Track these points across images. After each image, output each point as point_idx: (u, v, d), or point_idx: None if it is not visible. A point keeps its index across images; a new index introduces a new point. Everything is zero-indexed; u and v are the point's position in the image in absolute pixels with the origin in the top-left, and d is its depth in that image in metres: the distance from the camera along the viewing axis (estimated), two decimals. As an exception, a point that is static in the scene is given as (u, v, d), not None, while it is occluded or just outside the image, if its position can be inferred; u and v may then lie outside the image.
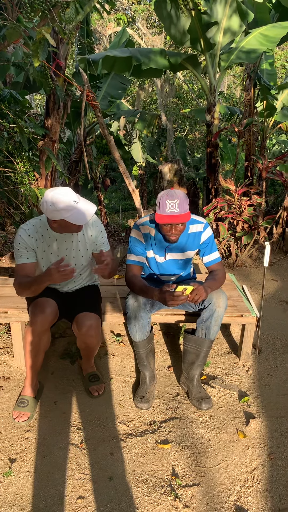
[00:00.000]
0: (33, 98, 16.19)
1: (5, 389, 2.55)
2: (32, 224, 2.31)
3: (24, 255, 2.29)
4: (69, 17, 2.86)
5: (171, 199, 2.21)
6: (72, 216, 2.08)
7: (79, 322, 2.27)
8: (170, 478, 1.98)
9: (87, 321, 2.27)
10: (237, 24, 5.32)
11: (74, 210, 2.08)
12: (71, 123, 7.77)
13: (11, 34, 2.78)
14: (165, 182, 6.43)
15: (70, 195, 2.09)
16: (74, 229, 2.21)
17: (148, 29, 13.00)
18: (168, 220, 2.21)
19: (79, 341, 2.37)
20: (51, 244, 2.32)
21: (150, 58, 5.57)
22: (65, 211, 2.06)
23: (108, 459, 2.07)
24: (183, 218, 2.22)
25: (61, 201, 2.05)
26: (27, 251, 2.29)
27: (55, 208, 2.06)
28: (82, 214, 2.10)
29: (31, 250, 2.30)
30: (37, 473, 1.99)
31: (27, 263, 2.31)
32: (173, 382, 2.67)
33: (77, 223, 2.10)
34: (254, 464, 2.06)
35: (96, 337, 2.32)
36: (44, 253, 2.32)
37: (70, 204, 2.07)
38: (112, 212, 14.61)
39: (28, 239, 2.27)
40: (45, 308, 2.21)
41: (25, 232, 2.27)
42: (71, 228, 2.19)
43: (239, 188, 4.59)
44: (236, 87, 15.07)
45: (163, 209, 2.22)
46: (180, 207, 2.21)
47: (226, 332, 3.24)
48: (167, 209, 2.21)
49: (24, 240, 2.27)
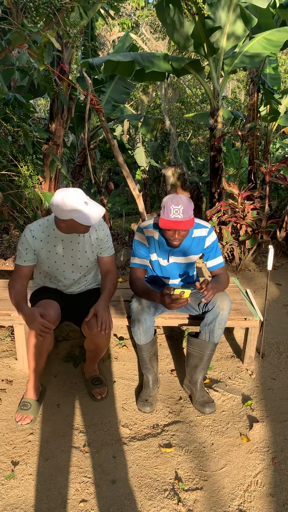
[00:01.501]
0: (37, 103, 16.28)
1: (8, 392, 2.55)
2: (38, 224, 2.32)
3: (22, 257, 2.31)
4: (74, 21, 2.88)
5: (175, 204, 2.21)
6: (81, 217, 2.09)
7: (90, 324, 2.26)
8: (173, 482, 1.97)
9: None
10: (241, 29, 5.34)
11: (84, 211, 2.09)
12: (75, 127, 7.81)
13: (15, 39, 2.79)
14: (169, 186, 6.44)
15: (80, 196, 2.11)
16: (82, 230, 2.21)
17: (151, 34, 13.06)
18: (172, 225, 2.21)
19: (89, 342, 2.36)
20: (57, 245, 2.32)
21: (153, 63, 5.59)
22: (75, 211, 2.08)
23: (111, 463, 2.07)
24: (187, 225, 2.22)
25: (71, 201, 2.07)
26: (26, 254, 2.30)
27: (65, 207, 2.07)
28: (91, 215, 2.11)
29: (31, 253, 2.30)
30: (40, 476, 1.98)
31: (23, 266, 2.33)
32: (176, 386, 2.66)
33: (85, 224, 2.11)
34: (257, 468, 2.05)
35: (107, 338, 2.32)
36: (49, 253, 2.33)
37: (80, 205, 2.08)
38: (116, 216, 14.63)
39: (31, 240, 2.28)
40: (49, 310, 2.21)
41: (30, 232, 2.28)
42: (79, 228, 2.19)
43: (242, 192, 4.59)
44: (240, 91, 15.10)
45: (167, 214, 2.23)
46: (185, 213, 2.21)
47: (230, 335, 3.23)
48: (171, 214, 2.21)
49: (27, 241, 2.28)
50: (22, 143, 4.04)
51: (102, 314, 2.26)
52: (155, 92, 13.01)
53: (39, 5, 2.53)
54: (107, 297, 2.38)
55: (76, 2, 2.71)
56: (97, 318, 2.25)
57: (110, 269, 2.51)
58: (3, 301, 2.86)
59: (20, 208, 4.23)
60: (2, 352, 2.96)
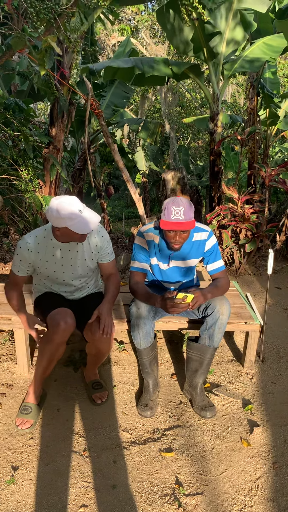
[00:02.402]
0: (37, 107, 16.33)
1: (8, 396, 2.55)
2: (35, 235, 2.29)
3: (16, 266, 2.32)
4: (74, 26, 2.90)
5: (176, 206, 2.22)
6: (75, 225, 2.08)
7: (93, 328, 2.26)
8: (173, 487, 1.96)
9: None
10: (241, 34, 5.37)
11: (78, 219, 2.08)
12: (75, 131, 7.83)
13: (16, 43, 2.81)
14: (168, 190, 6.45)
15: (75, 204, 2.09)
16: (77, 238, 2.20)
17: (151, 38, 13.12)
18: (173, 226, 2.22)
19: (91, 347, 2.35)
20: (55, 254, 2.31)
21: (153, 67, 5.62)
22: (69, 219, 2.06)
23: (111, 467, 2.06)
24: (188, 226, 2.22)
25: (66, 209, 2.06)
26: (20, 265, 2.30)
27: (59, 215, 2.06)
28: (85, 223, 2.09)
29: (25, 264, 2.30)
30: (40, 481, 1.98)
31: (16, 275, 2.35)
32: (177, 390, 2.66)
33: (79, 232, 2.09)
34: (258, 473, 2.04)
35: (109, 342, 2.32)
36: (47, 263, 2.31)
37: (74, 213, 2.07)
38: (115, 219, 14.65)
39: (26, 253, 2.26)
40: (67, 319, 2.20)
41: (26, 245, 2.26)
42: (74, 237, 2.18)
43: (242, 195, 4.60)
44: (239, 95, 15.15)
45: (168, 215, 2.23)
46: (185, 215, 2.22)
47: (230, 339, 3.23)
48: (172, 215, 2.22)
49: (22, 253, 2.27)
50: (23, 147, 4.06)
51: (105, 317, 2.26)
52: (155, 96, 13.06)
53: (40, 10, 2.55)
54: (111, 299, 2.39)
55: (77, 8, 2.73)
56: (100, 320, 2.26)
57: (112, 273, 2.52)
58: (3, 305, 2.86)
59: (20, 212, 4.23)
60: (2, 356, 2.96)
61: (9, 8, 2.75)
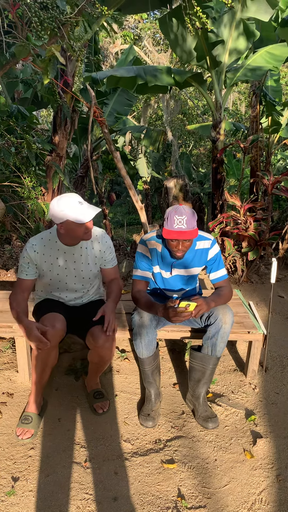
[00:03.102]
0: (40, 114, 16.40)
1: (8, 405, 2.53)
2: (41, 238, 2.33)
3: (24, 271, 2.32)
4: (78, 35, 2.91)
5: (179, 215, 2.21)
6: (76, 215, 2.12)
7: (95, 335, 2.25)
8: (176, 500, 1.93)
9: (102, 334, 2.24)
10: (243, 43, 5.39)
11: (78, 210, 2.13)
12: (78, 138, 7.86)
13: (20, 52, 2.82)
14: (171, 197, 6.45)
15: (74, 197, 2.17)
16: (81, 233, 2.21)
17: (154, 46, 13.21)
18: (175, 235, 2.21)
19: (93, 354, 2.33)
20: (59, 257, 2.32)
21: (156, 76, 5.64)
22: (69, 210, 2.11)
23: (112, 479, 2.04)
24: (190, 235, 2.21)
25: (65, 202, 2.13)
26: (28, 268, 2.31)
27: (59, 208, 2.12)
28: (85, 212, 2.15)
29: (33, 266, 2.31)
30: (41, 492, 1.95)
31: (24, 280, 2.34)
32: (179, 400, 2.63)
33: (81, 221, 2.13)
34: (261, 486, 2.01)
35: (111, 349, 2.30)
36: (51, 265, 2.33)
37: (74, 205, 2.13)
38: (117, 226, 14.65)
39: (33, 254, 2.29)
40: (55, 323, 2.20)
41: (31, 247, 2.29)
42: (77, 232, 2.19)
43: (244, 203, 4.59)
44: (241, 103, 15.21)
45: (171, 224, 2.22)
46: (188, 224, 2.21)
47: (232, 349, 3.21)
48: (175, 224, 2.21)
49: (28, 255, 2.29)
50: (26, 155, 4.06)
51: (109, 315, 2.27)
52: (157, 103, 13.12)
53: (44, 19, 2.56)
54: (115, 299, 2.42)
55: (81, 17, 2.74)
56: (105, 318, 2.26)
57: (114, 277, 2.54)
58: (4, 313, 2.85)
59: (22, 219, 4.23)
60: (3, 364, 2.94)
61: (13, 16, 2.76)
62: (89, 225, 2.20)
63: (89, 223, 2.20)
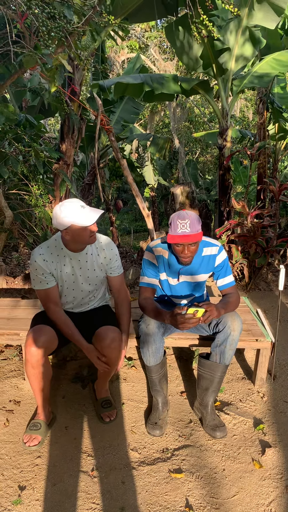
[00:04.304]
0: (47, 123, 16.55)
1: (15, 413, 2.52)
2: (46, 246, 2.33)
3: (43, 281, 2.30)
4: (85, 44, 2.94)
5: (182, 219, 2.21)
6: (80, 219, 2.13)
7: (101, 335, 2.25)
8: (184, 510, 1.91)
9: (109, 333, 2.25)
10: (250, 50, 5.41)
11: (81, 213, 2.14)
12: (85, 146, 7.90)
13: (28, 61, 2.85)
14: (177, 204, 6.45)
15: (76, 201, 2.18)
16: (86, 237, 2.21)
17: (160, 55, 13.29)
18: (179, 240, 2.20)
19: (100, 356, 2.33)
20: (66, 264, 2.32)
21: (163, 84, 5.68)
22: (72, 215, 2.13)
23: (119, 488, 2.02)
24: (195, 238, 2.21)
25: (68, 207, 2.14)
26: (45, 277, 2.29)
27: (62, 215, 2.13)
28: (89, 215, 2.16)
29: (49, 275, 2.30)
30: (47, 502, 1.93)
31: (50, 289, 2.32)
32: (186, 408, 2.61)
33: (85, 224, 2.14)
34: (271, 496, 1.98)
35: (118, 350, 2.29)
36: (60, 273, 2.33)
37: (77, 209, 2.15)
38: (124, 233, 14.67)
39: (43, 263, 2.28)
40: (39, 338, 2.18)
41: (39, 256, 2.28)
42: (83, 236, 2.20)
43: (252, 210, 4.58)
44: (248, 110, 15.24)
45: (174, 229, 2.22)
46: (192, 227, 2.20)
47: (240, 357, 3.18)
48: (179, 229, 2.21)
49: (40, 266, 2.27)
50: (33, 163, 4.09)
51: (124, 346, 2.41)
52: (164, 111, 13.18)
53: (51, 29, 2.58)
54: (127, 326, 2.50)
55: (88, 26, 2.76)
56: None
57: (120, 289, 2.52)
58: (11, 321, 2.85)
59: (30, 227, 4.25)
60: (10, 371, 2.94)
61: (22, 26, 2.79)
62: (93, 228, 2.21)
63: (93, 226, 2.21)
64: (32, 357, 2.17)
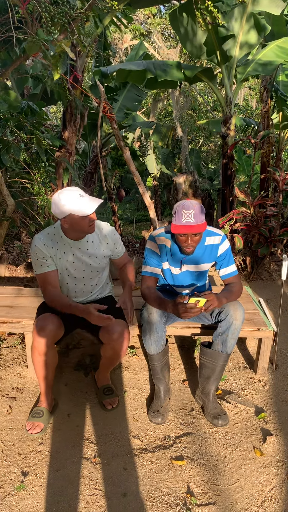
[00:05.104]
0: (49, 110, 16.43)
1: (18, 401, 2.54)
2: (46, 233, 2.33)
3: (44, 264, 2.30)
4: (89, 31, 2.90)
5: (186, 209, 2.19)
6: (78, 208, 2.13)
7: (110, 329, 2.25)
8: (185, 496, 1.93)
9: (118, 327, 2.25)
10: (254, 37, 5.33)
11: (79, 202, 2.14)
12: (87, 134, 7.85)
13: (30, 48, 2.82)
14: (180, 193, 6.42)
15: (74, 190, 2.17)
16: (85, 226, 2.21)
17: (163, 42, 13.14)
18: (184, 230, 2.19)
19: (107, 349, 2.32)
20: (67, 252, 2.32)
21: (166, 71, 5.61)
22: (71, 204, 2.12)
23: (121, 475, 2.04)
24: (199, 228, 2.20)
25: (66, 195, 2.14)
26: (46, 260, 2.29)
27: (61, 203, 2.13)
28: (87, 204, 2.15)
29: (50, 258, 2.30)
30: (50, 487, 1.96)
31: (49, 272, 2.31)
32: (188, 397, 2.62)
33: (84, 213, 2.14)
34: (271, 483, 2.00)
35: (126, 343, 2.30)
36: (60, 261, 2.32)
37: (76, 197, 2.14)
38: (126, 222, 14.64)
39: (44, 248, 2.28)
40: (46, 326, 2.19)
41: (40, 241, 2.28)
42: (82, 225, 2.19)
43: (255, 200, 4.55)
44: (252, 98, 15.08)
45: (178, 219, 2.21)
46: (196, 217, 2.19)
47: (242, 346, 3.19)
48: (183, 219, 2.19)
49: (40, 250, 2.28)
50: (35, 151, 4.06)
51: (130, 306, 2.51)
52: (167, 99, 13.06)
53: (54, 14, 2.55)
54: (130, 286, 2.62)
55: (91, 12, 2.72)
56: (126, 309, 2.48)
57: (126, 262, 2.65)
58: (14, 309, 2.86)
59: (32, 215, 4.24)
60: (13, 359, 2.95)
61: (24, 12, 2.75)
62: (92, 217, 2.20)
63: (93, 214, 2.20)
64: (39, 344, 2.17)
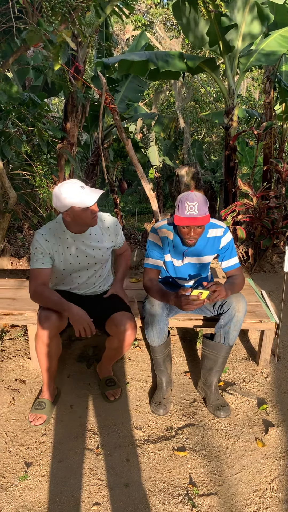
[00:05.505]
0: (51, 102, 16.34)
1: (21, 392, 2.55)
2: (48, 228, 2.32)
3: (39, 260, 2.30)
4: (90, 20, 2.87)
5: (190, 201, 2.18)
6: (80, 200, 2.12)
7: (117, 321, 2.26)
8: (187, 487, 1.94)
9: (125, 320, 2.26)
10: (257, 26, 5.28)
11: (81, 195, 2.13)
12: (89, 126, 7.81)
13: (31, 38, 2.79)
14: (182, 185, 6.40)
15: (75, 182, 2.17)
16: (88, 219, 2.20)
17: (165, 32, 13.02)
18: (187, 222, 2.18)
19: (114, 341, 2.33)
20: (70, 246, 2.31)
21: (168, 62, 5.57)
22: (72, 196, 2.12)
23: (124, 465, 2.05)
24: (202, 221, 2.19)
25: (67, 188, 2.13)
26: (43, 256, 2.29)
27: (63, 196, 2.12)
28: (89, 196, 2.14)
29: (47, 255, 2.30)
30: (53, 477, 1.97)
31: (42, 269, 2.31)
32: (190, 388, 2.63)
33: (85, 205, 2.13)
34: (273, 474, 2.01)
35: (132, 336, 2.31)
36: (62, 255, 2.32)
37: (77, 189, 2.13)
38: (128, 215, 14.62)
39: (45, 243, 2.27)
40: (51, 316, 2.19)
41: (41, 236, 2.28)
42: (84, 217, 2.19)
43: (257, 192, 4.53)
44: (255, 89, 14.96)
45: (182, 211, 2.20)
46: (200, 210, 2.18)
47: (244, 338, 3.19)
48: (186, 211, 2.18)
49: (40, 245, 2.27)
50: (37, 142, 4.05)
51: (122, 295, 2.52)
52: (169, 90, 12.96)
53: (55, 4, 2.52)
54: (122, 277, 2.65)
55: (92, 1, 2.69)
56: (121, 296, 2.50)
57: (123, 250, 2.68)
58: (17, 301, 2.87)
59: (34, 208, 4.23)
60: (16, 351, 2.97)
61: (24, 1, 2.73)
62: (94, 209, 2.20)
63: (94, 206, 2.20)
64: (43, 334, 2.18)
